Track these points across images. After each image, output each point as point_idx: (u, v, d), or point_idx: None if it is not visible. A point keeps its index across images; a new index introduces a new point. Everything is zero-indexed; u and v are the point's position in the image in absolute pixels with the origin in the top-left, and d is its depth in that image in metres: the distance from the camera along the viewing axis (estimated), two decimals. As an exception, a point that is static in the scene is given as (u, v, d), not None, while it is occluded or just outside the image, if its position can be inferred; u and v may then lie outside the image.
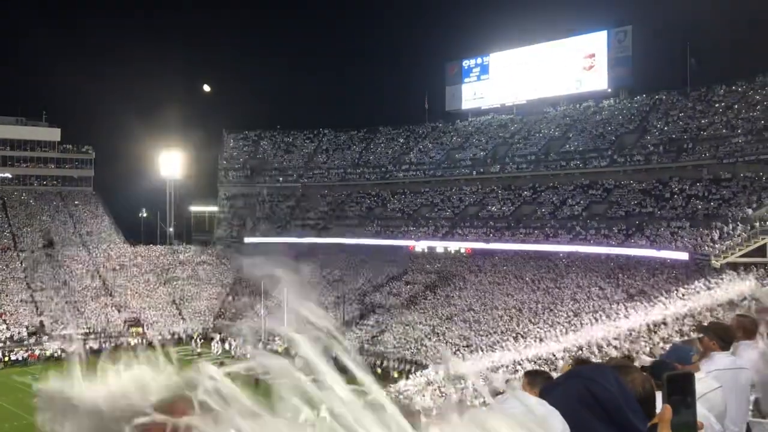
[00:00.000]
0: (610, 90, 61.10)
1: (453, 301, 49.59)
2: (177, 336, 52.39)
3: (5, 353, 46.57)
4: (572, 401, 1.60)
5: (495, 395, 1.55)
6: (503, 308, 45.88)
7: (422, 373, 36.20)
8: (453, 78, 71.49)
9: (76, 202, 72.55)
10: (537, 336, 39.36)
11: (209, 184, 78.50)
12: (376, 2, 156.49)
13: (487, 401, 1.39)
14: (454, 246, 56.07)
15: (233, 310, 56.54)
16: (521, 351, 36.86)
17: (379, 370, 41.36)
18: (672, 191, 47.52)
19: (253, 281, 49.67)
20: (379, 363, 42.67)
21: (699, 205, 44.54)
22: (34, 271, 58.71)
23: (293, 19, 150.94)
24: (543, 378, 3.87)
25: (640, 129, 55.28)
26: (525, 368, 22.29)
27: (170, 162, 75.77)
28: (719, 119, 49.77)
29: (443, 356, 43.53)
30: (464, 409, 1.17)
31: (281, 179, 73.16)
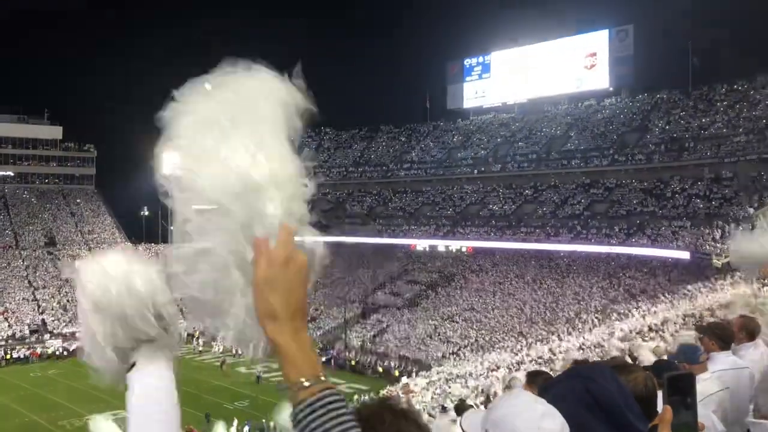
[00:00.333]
0: (612, 89, 60.98)
1: (454, 300, 49.59)
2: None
3: (7, 351, 46.62)
4: (571, 401, 1.61)
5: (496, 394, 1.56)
6: (504, 307, 45.89)
7: (426, 374, 36.06)
8: (454, 77, 71.34)
9: (78, 201, 72.58)
10: (538, 335, 39.32)
11: (211, 183, 78.38)
12: (378, 2, 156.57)
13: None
14: (456, 245, 55.99)
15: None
16: (522, 350, 36.79)
17: (381, 369, 41.41)
18: (673, 190, 47.46)
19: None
20: (381, 362, 42.71)
21: (700, 205, 44.49)
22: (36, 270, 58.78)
23: (294, 18, 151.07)
24: (543, 378, 3.88)
25: (642, 128, 55.17)
26: (526, 368, 22.29)
27: (173, 160, 75.59)
28: (721, 118, 49.70)
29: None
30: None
31: (282, 178, 73.00)
